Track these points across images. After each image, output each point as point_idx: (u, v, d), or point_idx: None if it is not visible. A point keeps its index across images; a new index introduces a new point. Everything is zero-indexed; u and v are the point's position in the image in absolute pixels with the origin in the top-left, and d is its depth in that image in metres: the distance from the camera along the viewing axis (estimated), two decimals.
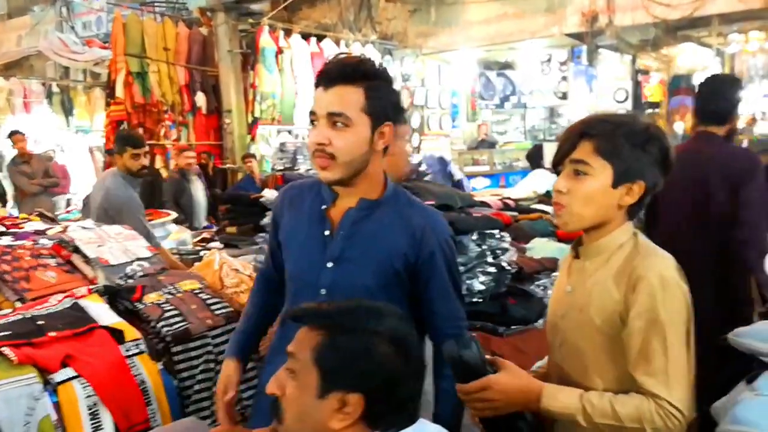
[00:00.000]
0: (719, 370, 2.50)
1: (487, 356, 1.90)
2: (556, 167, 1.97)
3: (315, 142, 2.05)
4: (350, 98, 2.04)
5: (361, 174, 2.11)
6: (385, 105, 2.10)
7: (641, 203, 1.92)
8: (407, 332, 1.60)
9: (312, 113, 2.08)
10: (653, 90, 13.38)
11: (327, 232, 2.15)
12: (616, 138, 1.86)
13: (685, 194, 3.75)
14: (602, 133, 1.88)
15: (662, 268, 1.81)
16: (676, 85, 12.84)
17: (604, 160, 1.86)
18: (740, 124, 10.57)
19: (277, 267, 2.36)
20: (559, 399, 1.82)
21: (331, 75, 2.06)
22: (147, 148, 5.15)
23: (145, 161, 5.13)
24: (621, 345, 1.83)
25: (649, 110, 13.09)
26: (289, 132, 11.01)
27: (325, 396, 1.49)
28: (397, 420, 1.54)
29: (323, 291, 2.11)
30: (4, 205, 9.27)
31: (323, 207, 2.18)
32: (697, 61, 12.69)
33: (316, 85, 2.10)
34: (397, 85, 2.20)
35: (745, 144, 8.94)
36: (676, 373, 1.75)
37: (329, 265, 2.12)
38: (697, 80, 12.18)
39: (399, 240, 2.12)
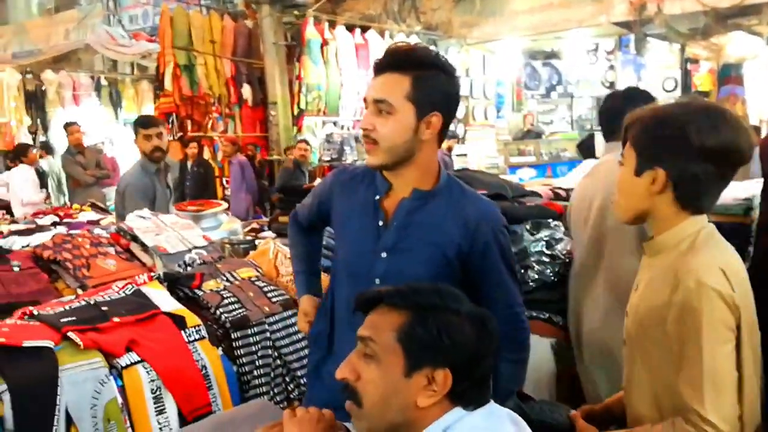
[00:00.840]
0: None
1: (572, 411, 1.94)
2: None
3: (361, 127, 2.11)
4: (395, 85, 2.05)
5: (408, 162, 2.12)
6: (433, 94, 2.09)
7: (688, 194, 1.80)
8: (484, 311, 1.63)
9: (364, 100, 2.14)
10: (703, 79, 13.14)
11: (381, 222, 2.16)
12: (639, 124, 1.84)
13: None
14: (634, 122, 1.86)
15: (703, 271, 1.70)
16: (726, 74, 12.58)
17: (632, 148, 1.84)
18: None
19: (311, 225, 2.54)
20: None
21: (382, 63, 2.10)
22: (160, 130, 5.08)
23: (159, 143, 5.05)
24: (667, 347, 1.77)
25: None
26: (335, 123, 11.04)
27: (412, 374, 1.50)
28: (476, 397, 1.56)
29: (377, 281, 2.12)
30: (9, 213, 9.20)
31: (377, 197, 2.19)
32: (747, 50, 12.40)
33: (373, 73, 2.15)
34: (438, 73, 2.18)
35: None
36: (712, 383, 1.68)
37: (383, 255, 2.14)
38: (747, 69, 11.97)
39: (452, 230, 2.13)
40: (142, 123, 5.22)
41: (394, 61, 2.08)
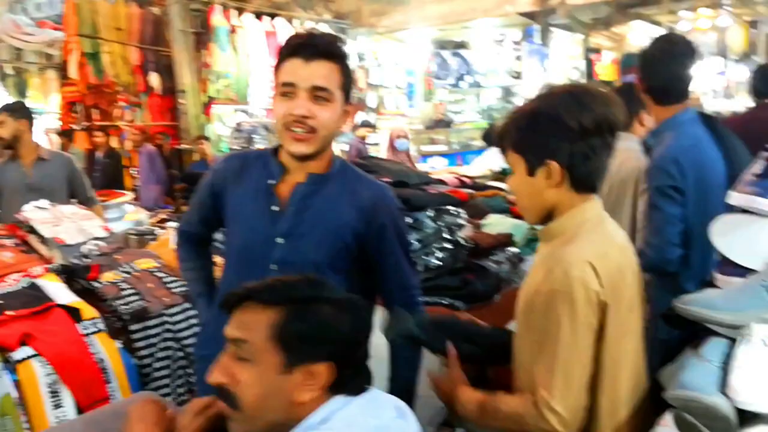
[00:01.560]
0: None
1: None
2: None
3: (298, 114, 2.04)
4: (331, 74, 2.06)
5: (325, 151, 2.14)
6: (352, 84, 2.15)
7: (582, 178, 1.82)
8: (355, 296, 1.63)
9: (288, 84, 2.05)
10: (606, 68, 13.46)
11: (276, 208, 2.13)
12: (513, 129, 1.87)
13: None
14: (507, 130, 1.89)
15: (571, 263, 1.72)
16: (628, 63, 12.68)
17: (515, 153, 1.87)
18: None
19: (204, 227, 2.40)
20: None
21: (314, 48, 2.06)
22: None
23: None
24: (536, 332, 1.79)
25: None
26: (246, 112, 10.94)
27: (290, 371, 1.47)
28: (356, 384, 1.55)
29: (274, 266, 2.09)
30: None
31: (270, 182, 2.16)
32: (647, 39, 12.72)
33: (290, 55, 2.07)
34: (352, 65, 2.22)
35: None
36: (564, 374, 1.71)
37: (279, 240, 2.11)
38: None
39: (348, 214, 2.13)
40: None
41: (327, 49, 2.07)
